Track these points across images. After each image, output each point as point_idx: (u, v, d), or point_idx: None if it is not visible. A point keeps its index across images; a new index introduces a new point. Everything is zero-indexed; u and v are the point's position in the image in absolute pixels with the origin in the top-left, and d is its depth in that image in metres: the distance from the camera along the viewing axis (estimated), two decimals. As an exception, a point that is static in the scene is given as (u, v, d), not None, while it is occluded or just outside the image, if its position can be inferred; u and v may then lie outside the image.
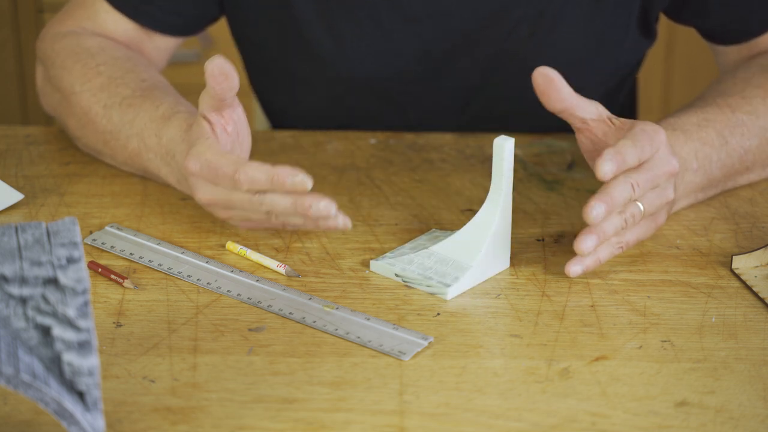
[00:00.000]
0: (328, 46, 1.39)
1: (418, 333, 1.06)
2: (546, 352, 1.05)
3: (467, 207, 1.28)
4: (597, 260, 1.13)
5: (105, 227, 1.22)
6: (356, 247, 1.20)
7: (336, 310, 1.09)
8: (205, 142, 1.15)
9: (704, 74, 2.58)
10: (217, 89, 1.13)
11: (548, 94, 1.11)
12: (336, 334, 1.06)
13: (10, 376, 0.84)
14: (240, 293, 1.12)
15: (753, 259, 1.17)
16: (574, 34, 1.37)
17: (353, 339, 1.05)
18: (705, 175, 1.24)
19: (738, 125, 1.26)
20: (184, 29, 1.42)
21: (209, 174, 1.13)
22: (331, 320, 1.07)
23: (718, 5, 1.37)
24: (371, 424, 0.96)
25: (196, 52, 2.55)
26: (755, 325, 1.09)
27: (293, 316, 1.08)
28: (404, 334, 1.05)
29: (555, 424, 0.96)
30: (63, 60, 1.34)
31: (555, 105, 1.12)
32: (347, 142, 1.41)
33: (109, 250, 1.18)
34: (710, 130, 1.25)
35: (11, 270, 0.89)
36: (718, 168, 1.25)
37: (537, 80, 1.11)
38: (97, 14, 1.39)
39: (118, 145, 1.29)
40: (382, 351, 1.03)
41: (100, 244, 1.19)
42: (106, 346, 1.04)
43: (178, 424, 0.96)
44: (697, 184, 1.25)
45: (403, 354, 1.03)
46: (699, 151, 1.23)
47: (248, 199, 1.12)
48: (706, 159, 1.24)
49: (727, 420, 0.97)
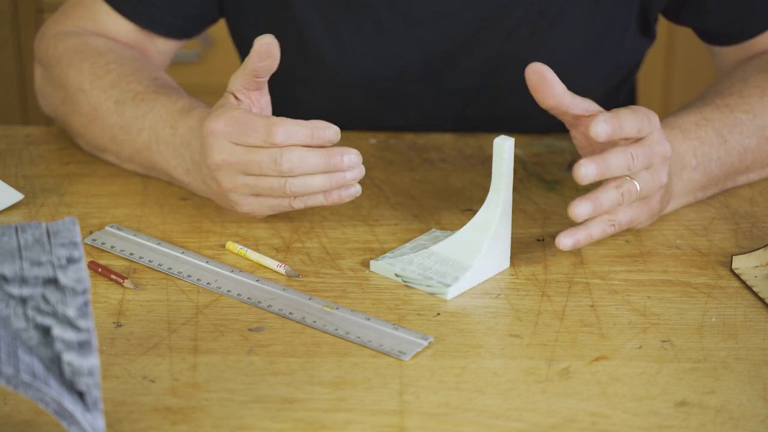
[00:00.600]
0: (328, 46, 1.39)
1: (418, 333, 1.06)
2: (546, 352, 1.05)
3: (467, 207, 1.28)
4: (588, 236, 1.12)
5: (105, 227, 1.22)
6: (356, 247, 1.20)
7: (336, 310, 1.09)
8: (232, 106, 1.15)
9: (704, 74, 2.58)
10: (257, 65, 1.14)
11: (540, 91, 1.12)
12: (336, 334, 1.06)
13: (10, 376, 0.84)
14: (240, 293, 1.12)
15: (753, 259, 1.17)
16: (574, 34, 1.37)
17: (353, 339, 1.05)
18: (704, 174, 1.25)
19: (736, 124, 1.26)
20: (183, 31, 1.41)
21: (236, 130, 1.13)
22: (331, 320, 1.07)
23: (716, 5, 1.37)
24: (371, 424, 0.96)
25: (196, 53, 2.55)
26: (755, 325, 1.09)
27: (293, 316, 1.08)
28: (404, 334, 1.05)
29: (555, 424, 0.96)
30: (69, 58, 1.34)
31: (547, 101, 1.12)
32: (347, 142, 1.41)
33: (109, 250, 1.18)
34: (709, 129, 1.25)
35: (11, 270, 0.89)
36: (717, 166, 1.25)
37: (529, 77, 1.11)
38: (98, 15, 1.39)
39: (127, 139, 1.28)
40: (382, 351, 1.03)
41: (100, 244, 1.19)
42: (106, 346, 1.04)
43: (178, 424, 0.96)
44: (697, 182, 1.25)
45: (403, 354, 1.03)
46: (697, 149, 1.24)
47: (269, 160, 1.12)
48: (705, 157, 1.24)
49: (727, 420, 0.97)
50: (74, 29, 1.38)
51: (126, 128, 1.28)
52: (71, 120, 1.35)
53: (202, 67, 2.58)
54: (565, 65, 1.39)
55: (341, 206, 1.27)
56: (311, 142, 1.12)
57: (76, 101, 1.33)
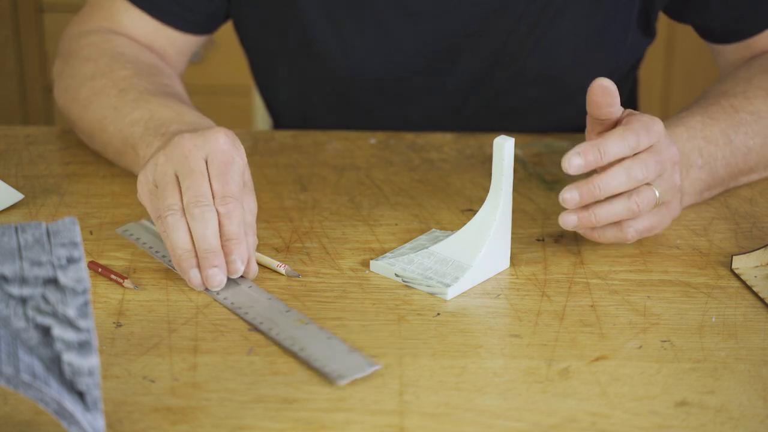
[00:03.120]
0: (331, 43, 1.39)
1: (369, 360, 1.02)
2: (546, 352, 1.05)
3: (467, 207, 1.28)
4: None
5: (141, 220, 1.23)
6: (356, 247, 1.20)
7: (306, 324, 1.07)
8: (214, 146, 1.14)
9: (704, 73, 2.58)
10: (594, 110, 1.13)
11: (600, 106, 1.12)
12: (290, 349, 1.03)
13: (10, 376, 0.84)
14: (227, 297, 1.11)
15: (753, 259, 1.17)
16: (575, 31, 1.37)
17: (302, 356, 1.02)
18: (710, 173, 1.25)
19: (742, 125, 1.27)
20: (200, 26, 1.42)
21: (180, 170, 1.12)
22: (293, 334, 1.05)
23: (718, 4, 1.37)
24: (371, 424, 0.96)
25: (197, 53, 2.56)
26: (755, 325, 1.09)
27: (262, 326, 1.06)
28: (355, 357, 1.02)
29: (555, 424, 0.96)
30: (89, 52, 1.36)
31: (603, 115, 1.12)
32: (347, 142, 1.41)
33: (134, 242, 1.19)
34: (715, 129, 1.25)
35: (11, 270, 0.89)
36: (722, 166, 1.25)
37: (595, 91, 1.11)
38: (118, 14, 1.40)
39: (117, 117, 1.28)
40: (322, 371, 1.00)
41: (128, 235, 1.21)
42: (106, 346, 1.04)
43: (178, 424, 0.96)
44: (704, 182, 1.25)
45: (342, 378, 0.99)
46: (703, 148, 1.24)
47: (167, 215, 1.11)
48: (711, 157, 1.24)
49: (727, 420, 0.97)
50: (97, 28, 1.40)
51: (120, 109, 1.28)
52: (71, 108, 1.35)
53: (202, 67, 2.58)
54: (565, 62, 1.39)
55: (341, 206, 1.27)
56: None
57: (80, 88, 1.33)
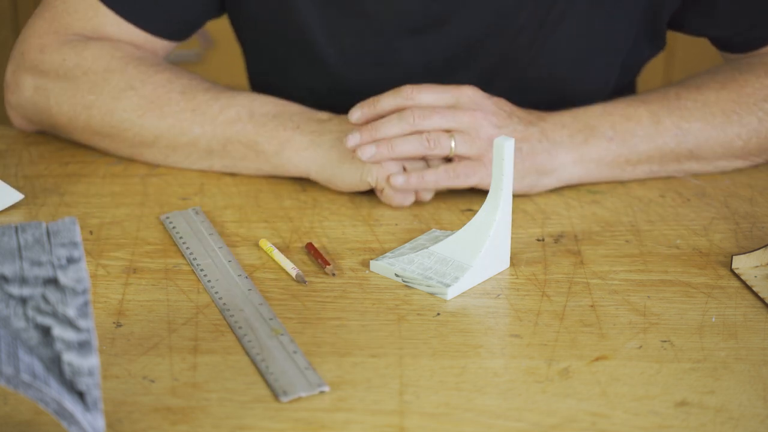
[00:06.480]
0: (330, 52, 1.38)
1: (321, 380, 1.00)
2: (546, 352, 1.05)
3: (467, 207, 1.28)
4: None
5: (188, 209, 1.24)
6: (356, 247, 1.20)
7: (281, 335, 1.06)
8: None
9: (704, 75, 2.58)
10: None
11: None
12: (254, 359, 1.03)
13: (10, 376, 0.84)
14: (222, 296, 1.11)
15: (753, 259, 1.17)
16: (575, 43, 1.37)
17: (261, 367, 1.02)
18: (627, 147, 1.30)
19: (679, 109, 1.32)
20: (180, 33, 1.40)
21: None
22: (263, 344, 1.04)
23: (724, 15, 1.37)
24: (371, 424, 0.96)
25: (196, 53, 2.56)
26: (755, 325, 1.09)
27: (240, 330, 1.06)
28: (308, 376, 1.00)
29: (555, 424, 0.96)
30: (108, 63, 1.33)
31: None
32: (347, 142, 1.41)
33: (170, 230, 1.21)
34: (641, 109, 1.31)
35: (11, 270, 0.89)
36: (643, 142, 1.30)
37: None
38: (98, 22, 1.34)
39: (199, 120, 1.30)
40: (270, 385, 1.00)
41: (168, 223, 1.22)
42: (106, 346, 1.04)
43: (178, 424, 0.96)
44: (616, 153, 1.30)
45: (285, 395, 0.98)
46: (619, 124, 1.30)
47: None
48: (628, 133, 1.30)
49: (727, 420, 0.97)
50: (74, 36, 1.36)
51: (201, 110, 1.30)
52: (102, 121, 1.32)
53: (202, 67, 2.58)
54: (565, 73, 1.39)
55: (341, 206, 1.27)
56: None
57: (117, 100, 1.31)
